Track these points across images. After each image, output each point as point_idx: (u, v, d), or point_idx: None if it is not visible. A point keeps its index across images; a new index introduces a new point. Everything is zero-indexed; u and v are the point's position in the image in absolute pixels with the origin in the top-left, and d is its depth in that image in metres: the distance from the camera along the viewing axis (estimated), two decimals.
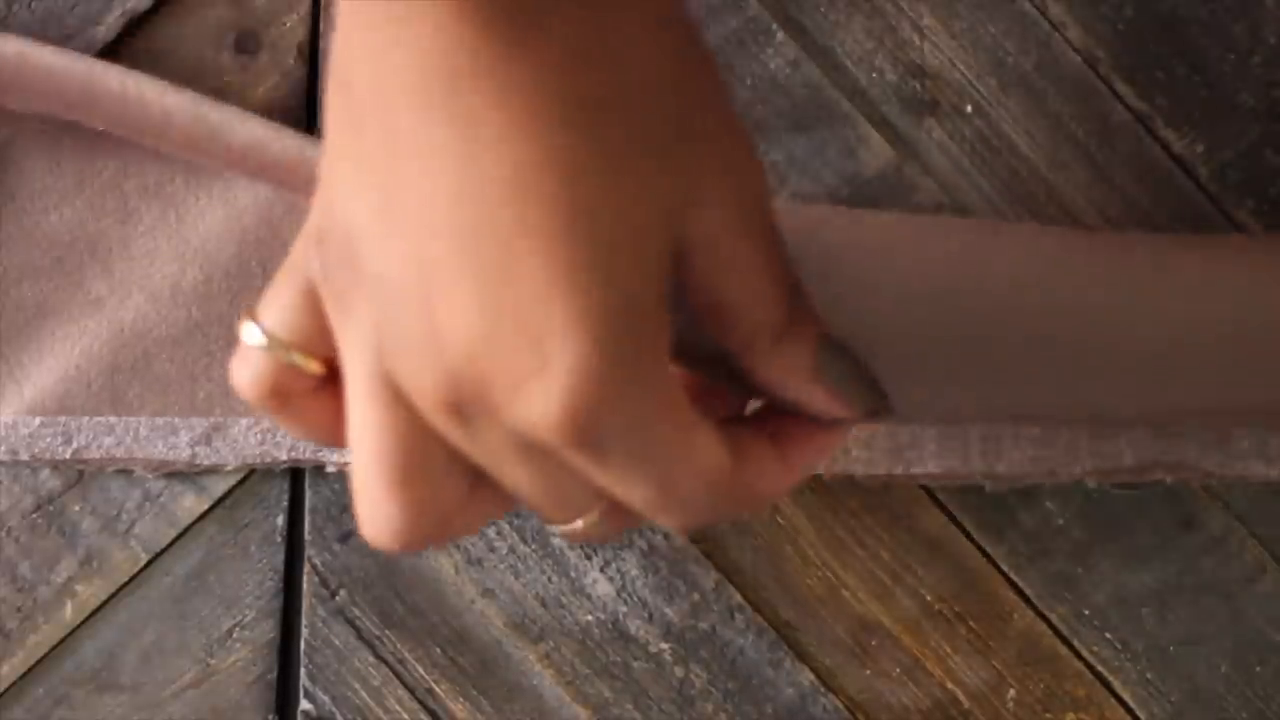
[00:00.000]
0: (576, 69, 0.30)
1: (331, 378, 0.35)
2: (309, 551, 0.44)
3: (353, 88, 0.30)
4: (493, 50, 0.29)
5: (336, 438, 0.35)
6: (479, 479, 0.34)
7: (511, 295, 0.30)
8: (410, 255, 0.30)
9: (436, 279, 0.30)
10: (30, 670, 0.44)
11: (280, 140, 0.41)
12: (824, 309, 0.37)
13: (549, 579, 0.44)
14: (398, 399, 0.32)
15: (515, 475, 0.33)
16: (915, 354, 0.41)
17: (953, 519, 0.45)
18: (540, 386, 0.30)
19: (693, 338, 0.36)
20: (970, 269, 0.42)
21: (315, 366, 0.34)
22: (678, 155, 0.31)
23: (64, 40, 0.43)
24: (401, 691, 0.44)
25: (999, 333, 0.42)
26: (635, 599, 0.44)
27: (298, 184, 0.42)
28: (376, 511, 0.33)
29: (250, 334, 0.34)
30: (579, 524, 0.35)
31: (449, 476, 0.34)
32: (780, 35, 0.44)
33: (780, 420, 0.37)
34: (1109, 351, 0.42)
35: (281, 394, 0.35)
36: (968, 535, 0.45)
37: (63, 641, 0.44)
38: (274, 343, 0.34)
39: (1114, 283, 0.42)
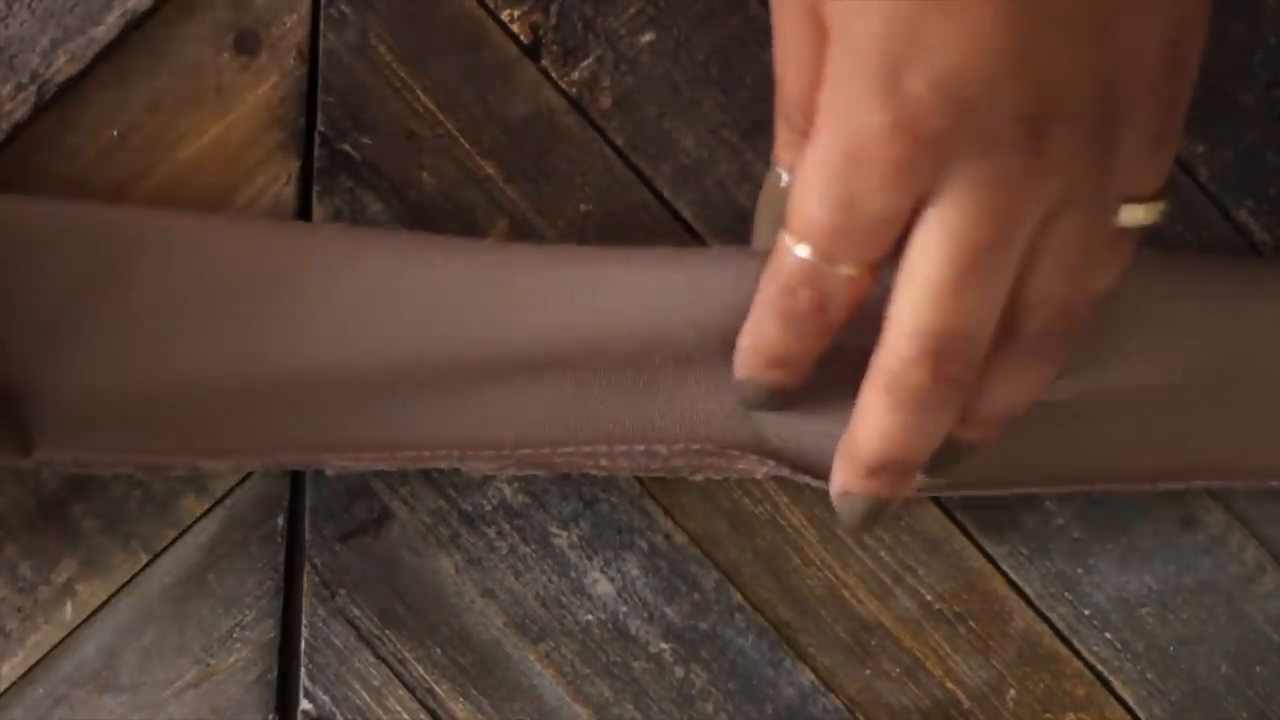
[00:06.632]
0: None
1: None
2: (309, 551, 0.44)
3: None
4: None
5: None
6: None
7: None
8: None
9: None
10: (30, 670, 0.44)
11: None
12: None
13: (549, 579, 0.44)
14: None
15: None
16: None
17: (953, 519, 0.45)
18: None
19: None
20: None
21: None
22: None
23: (64, 39, 0.43)
24: (401, 691, 0.44)
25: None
26: (636, 599, 0.44)
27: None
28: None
29: None
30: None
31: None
32: None
33: None
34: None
35: None
36: (968, 535, 0.45)
37: (63, 641, 0.44)
38: None
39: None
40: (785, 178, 0.38)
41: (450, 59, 0.44)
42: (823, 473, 0.42)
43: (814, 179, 0.33)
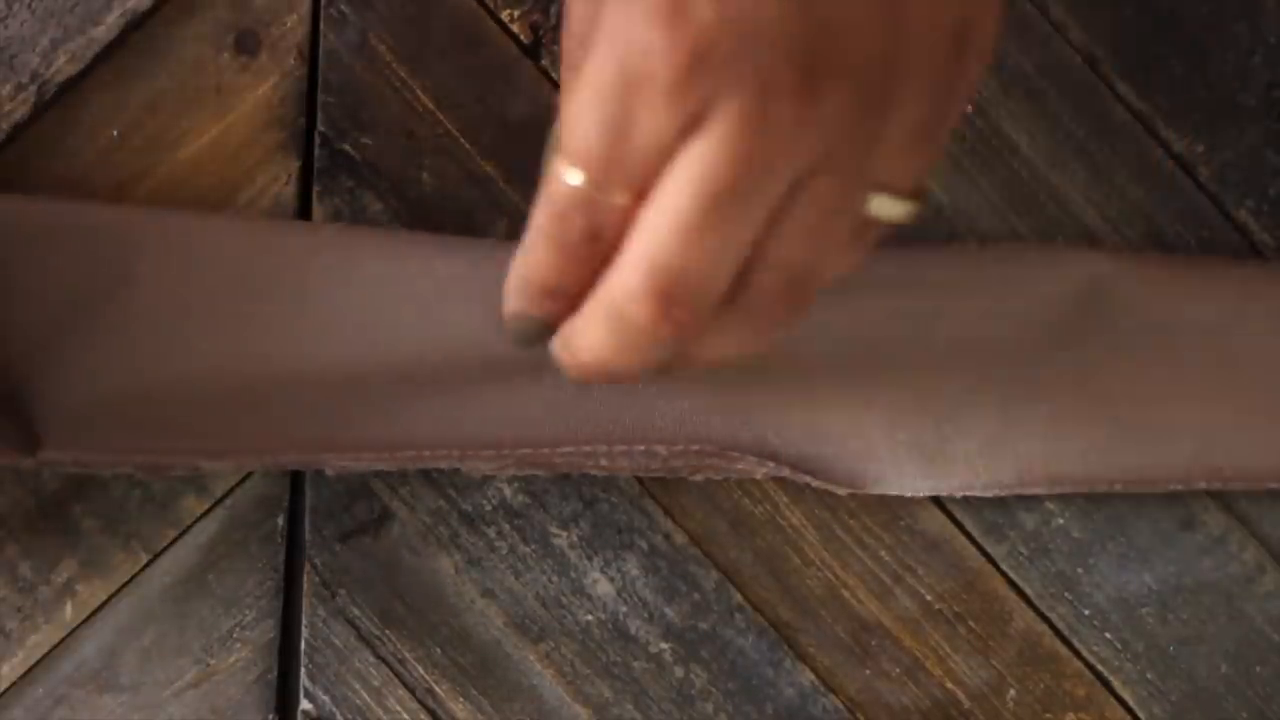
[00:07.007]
0: None
1: None
2: (309, 551, 0.44)
3: None
4: None
5: None
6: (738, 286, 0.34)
7: None
8: None
9: None
10: (30, 670, 0.44)
11: None
12: None
13: (549, 579, 0.44)
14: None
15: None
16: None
17: (953, 519, 0.45)
18: None
19: None
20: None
21: None
22: None
23: (64, 39, 0.43)
24: (401, 691, 0.44)
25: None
26: (636, 599, 0.44)
27: None
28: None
29: None
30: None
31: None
32: None
33: None
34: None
35: None
36: (968, 535, 0.45)
37: (63, 641, 0.44)
38: None
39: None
40: None
41: (450, 59, 0.44)
42: (823, 473, 0.42)
43: (587, 100, 0.33)
